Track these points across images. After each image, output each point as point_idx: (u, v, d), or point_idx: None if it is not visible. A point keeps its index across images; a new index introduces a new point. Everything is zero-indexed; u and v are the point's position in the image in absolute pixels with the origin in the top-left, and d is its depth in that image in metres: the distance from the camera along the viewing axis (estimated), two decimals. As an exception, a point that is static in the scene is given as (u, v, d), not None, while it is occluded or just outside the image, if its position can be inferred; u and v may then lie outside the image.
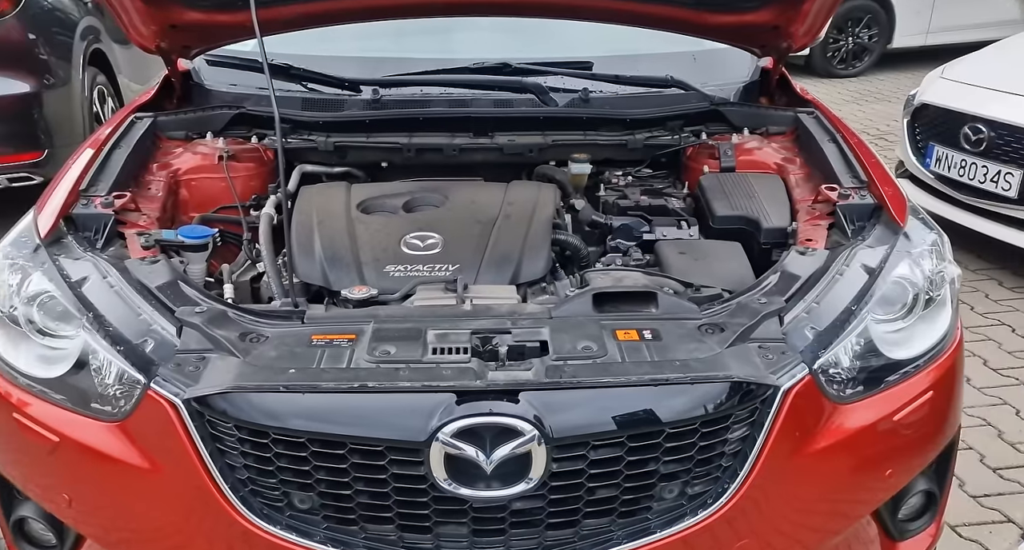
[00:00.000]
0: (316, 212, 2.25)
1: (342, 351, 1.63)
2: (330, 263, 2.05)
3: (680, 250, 2.19)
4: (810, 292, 1.83)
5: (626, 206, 2.42)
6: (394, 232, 2.15)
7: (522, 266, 2.06)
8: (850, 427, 1.70)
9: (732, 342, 1.66)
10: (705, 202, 2.41)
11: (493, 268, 2.04)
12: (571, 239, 2.24)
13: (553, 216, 2.28)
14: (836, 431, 1.69)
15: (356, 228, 2.17)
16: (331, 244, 2.10)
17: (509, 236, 2.13)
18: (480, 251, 2.08)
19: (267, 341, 1.68)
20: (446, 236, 2.13)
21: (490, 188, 2.43)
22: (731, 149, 2.56)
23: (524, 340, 1.68)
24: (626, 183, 2.66)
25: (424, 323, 1.73)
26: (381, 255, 2.07)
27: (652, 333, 1.70)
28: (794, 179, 2.42)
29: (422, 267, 2.03)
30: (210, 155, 2.52)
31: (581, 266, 2.30)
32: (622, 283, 1.87)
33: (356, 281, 2.00)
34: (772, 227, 2.23)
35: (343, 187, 2.40)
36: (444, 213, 2.26)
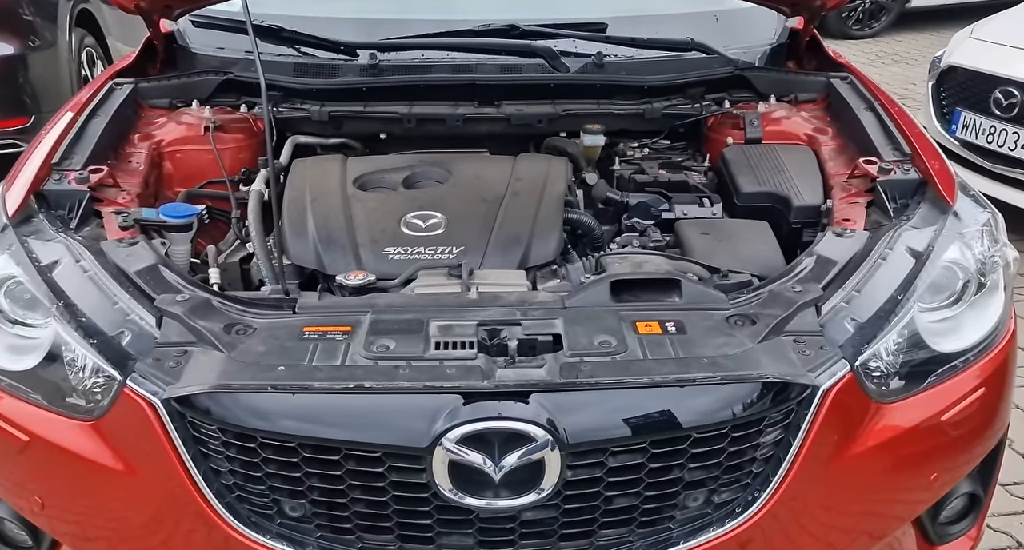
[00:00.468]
0: (309, 189, 2.09)
1: (337, 345, 1.49)
2: (324, 245, 1.90)
3: (702, 230, 2.04)
4: (850, 279, 1.68)
5: (643, 182, 2.26)
6: (393, 211, 2.00)
7: (531, 248, 1.91)
8: (894, 428, 1.56)
9: (765, 336, 1.52)
10: (729, 177, 2.25)
11: (500, 251, 1.89)
12: (584, 218, 2.09)
13: (565, 193, 2.12)
14: (878, 433, 1.55)
15: (352, 206, 2.02)
16: (325, 224, 1.95)
17: (517, 215, 1.98)
18: (486, 232, 1.93)
19: (255, 333, 1.54)
20: (449, 215, 1.97)
21: (496, 162, 2.27)
22: (757, 118, 2.38)
23: (535, 333, 1.53)
24: (642, 156, 2.50)
25: (426, 313, 1.59)
26: (379, 236, 1.92)
27: (676, 325, 1.56)
28: (827, 151, 2.25)
29: (423, 250, 1.88)
30: (196, 125, 2.35)
31: (595, 247, 2.14)
32: (642, 269, 1.72)
33: (352, 265, 1.85)
34: (803, 205, 2.07)
35: (338, 161, 2.24)
36: (447, 190, 2.10)
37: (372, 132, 2.52)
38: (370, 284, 1.75)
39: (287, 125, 2.50)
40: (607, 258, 1.79)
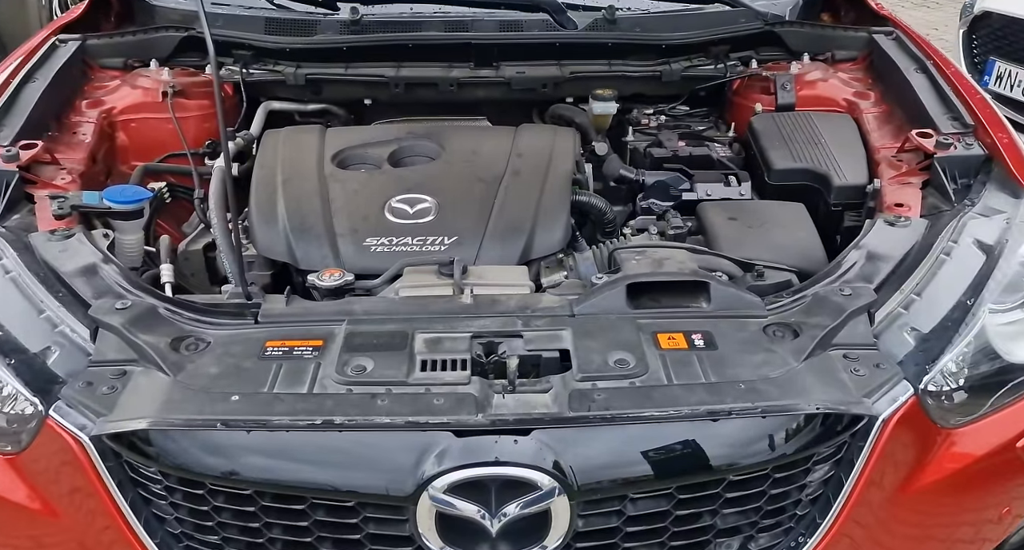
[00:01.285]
0: (281, 166, 1.83)
1: (304, 366, 1.26)
2: (297, 234, 1.65)
3: (730, 214, 1.78)
4: (908, 279, 1.43)
5: (661, 157, 1.99)
6: (377, 194, 1.74)
7: (535, 238, 1.66)
8: (962, 457, 1.33)
9: (810, 352, 1.28)
10: (758, 150, 1.97)
11: (498, 241, 1.64)
12: (595, 200, 1.83)
13: (572, 171, 1.86)
14: (944, 463, 1.32)
15: (330, 188, 1.75)
16: (298, 209, 1.69)
17: (519, 199, 1.72)
18: (482, 219, 1.68)
19: (208, 349, 1.30)
20: (441, 199, 1.72)
21: (495, 134, 2.00)
22: (789, 81, 2.10)
23: (539, 348, 1.30)
24: (658, 124, 2.22)
25: (411, 323, 1.35)
26: (360, 224, 1.66)
27: (704, 338, 1.32)
28: (870, 120, 1.97)
29: (411, 240, 1.63)
30: (154, 89, 2.07)
31: (606, 232, 1.89)
32: (663, 268, 1.47)
33: (329, 258, 1.61)
34: (845, 184, 1.80)
35: (316, 133, 1.97)
36: (439, 168, 1.83)
37: (355, 97, 2.24)
38: (347, 285, 1.50)
39: (259, 89, 2.22)
40: (622, 254, 1.53)
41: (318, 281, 1.50)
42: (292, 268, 1.66)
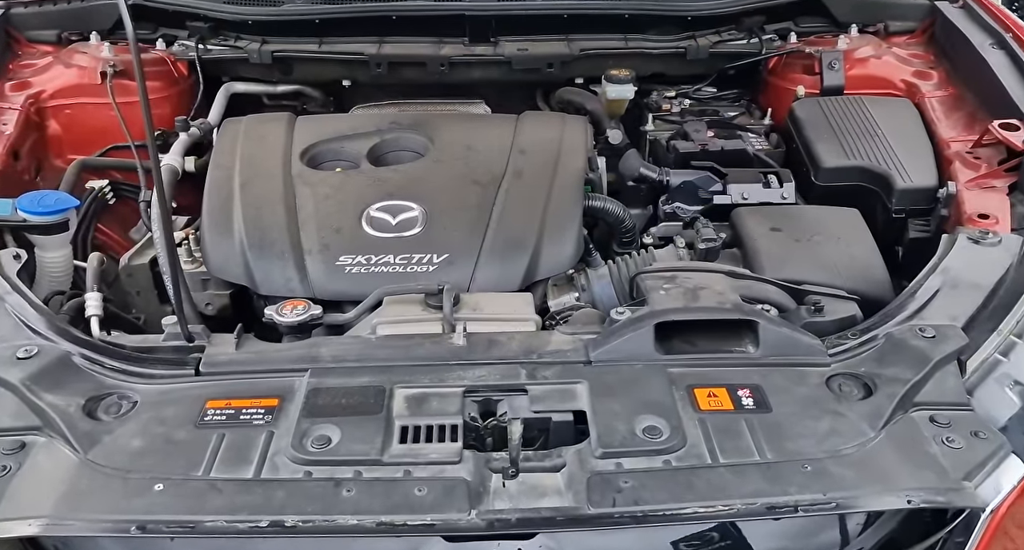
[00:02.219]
0: (240, 165, 1.56)
1: (252, 437, 1.00)
2: (256, 251, 1.39)
3: (771, 224, 1.50)
4: (1007, 316, 1.17)
5: (687, 152, 1.71)
6: (353, 200, 1.47)
7: (541, 254, 1.40)
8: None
9: (890, 415, 1.02)
10: (802, 144, 1.70)
11: (497, 259, 1.38)
12: (611, 206, 1.56)
13: (585, 169, 1.59)
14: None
15: (298, 193, 1.49)
16: (258, 219, 1.43)
17: (521, 206, 1.46)
18: (478, 231, 1.41)
19: (132, 414, 1.04)
20: (429, 206, 1.45)
21: (493, 125, 1.71)
22: (838, 60, 1.81)
23: (549, 409, 1.05)
24: (681, 109, 1.94)
25: (390, 375, 1.10)
26: (333, 239, 1.40)
27: (753, 396, 1.06)
28: (935, 106, 1.69)
29: (392, 259, 1.37)
30: (92, 68, 1.79)
31: (623, 241, 1.62)
32: (700, 302, 1.20)
33: (293, 281, 1.35)
34: (910, 187, 1.53)
35: (283, 122, 1.69)
36: (427, 168, 1.56)
37: (331, 78, 1.96)
38: (313, 320, 1.24)
39: (219, 69, 1.94)
40: (648, 281, 1.26)
41: (277, 316, 1.23)
42: (252, 292, 1.40)
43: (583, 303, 1.48)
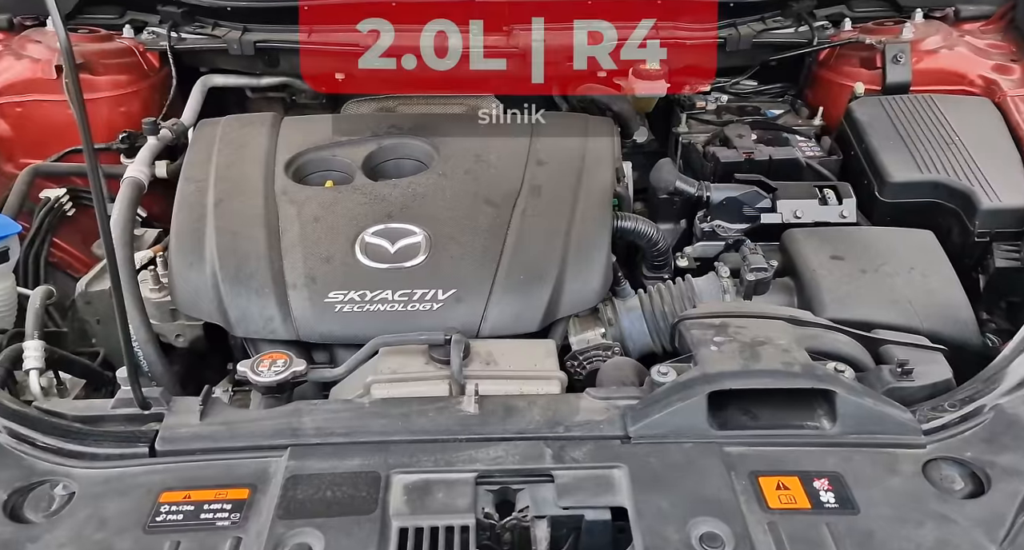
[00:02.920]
0: (215, 178, 1.35)
1: (216, 543, 0.81)
2: (231, 284, 1.19)
3: (831, 250, 1.30)
4: None
5: (730, 161, 1.49)
6: (345, 222, 1.27)
7: (564, 287, 1.21)
8: None
9: (1012, 522, 0.83)
10: (863, 152, 1.48)
11: (514, 295, 1.19)
12: (642, 227, 1.35)
13: (613, 183, 1.38)
14: None
15: (281, 213, 1.28)
16: (234, 246, 1.23)
17: (541, 229, 1.26)
18: (491, 261, 1.21)
19: (66, 511, 0.85)
20: (434, 231, 1.25)
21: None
22: (904, 52, 1.58)
23: (581, 504, 0.86)
24: (717, 106, 1.72)
25: (386, 455, 0.91)
26: (321, 270, 1.20)
27: (833, 489, 0.87)
28: (1019, 108, 1.47)
29: (391, 295, 1.17)
30: (48, 61, 1.57)
31: (655, 264, 1.42)
32: (761, 363, 0.99)
33: (274, 321, 1.17)
34: (998, 207, 1.32)
35: (265, 126, 1.48)
36: (432, 183, 1.35)
37: (321, 71, 1.74)
38: (295, 378, 1.04)
39: (196, 60, 1.72)
40: (694, 332, 1.05)
41: (253, 374, 1.03)
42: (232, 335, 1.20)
43: (611, 341, 1.29)
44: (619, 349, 1.28)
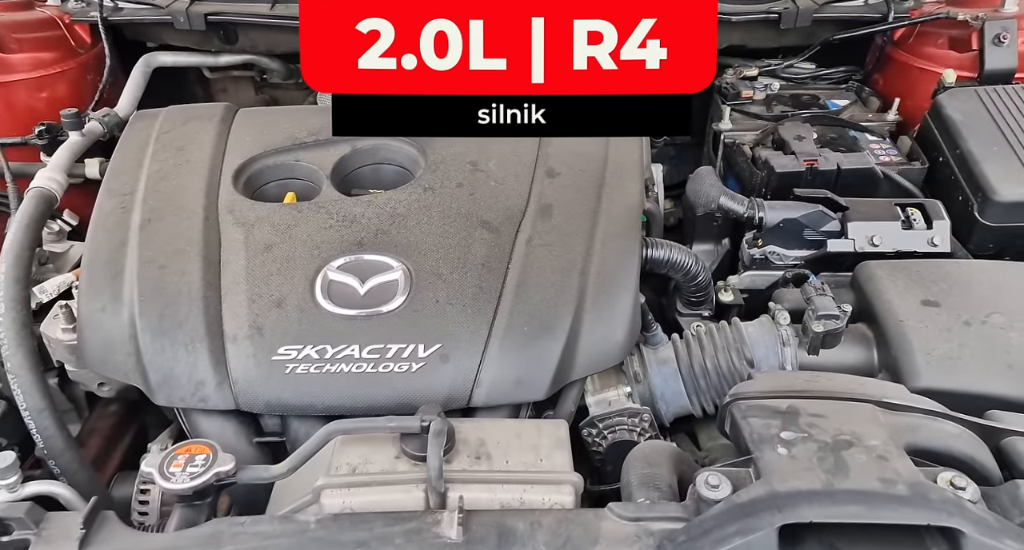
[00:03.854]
0: (145, 190, 1.09)
1: None
2: (153, 334, 0.94)
3: (923, 292, 1.02)
4: None
5: (787, 172, 1.21)
6: (305, 252, 1.01)
7: (579, 340, 0.97)
8: None
9: None
10: (958, 159, 1.19)
11: (515, 352, 0.94)
12: (679, 257, 1.08)
13: (643, 198, 1.11)
14: None
15: (225, 239, 1.03)
16: (161, 283, 0.98)
17: (551, 262, 1.01)
18: (486, 305, 0.96)
19: None
20: (416, 264, 0.99)
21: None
22: (1008, 30, 1.29)
23: None
24: (767, 95, 1.43)
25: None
26: (270, 317, 0.95)
27: None
28: None
29: (358, 351, 0.93)
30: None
31: (692, 301, 1.16)
32: (849, 476, 0.73)
33: (207, 387, 0.93)
34: None
35: (215, 120, 1.21)
36: (415, 199, 1.08)
37: (290, 50, 1.46)
38: (220, 481, 0.79)
39: (139, 34, 1.45)
40: (752, 420, 0.79)
41: (162, 478, 0.78)
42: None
43: (638, 405, 1.03)
44: (649, 416, 1.03)
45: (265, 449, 0.97)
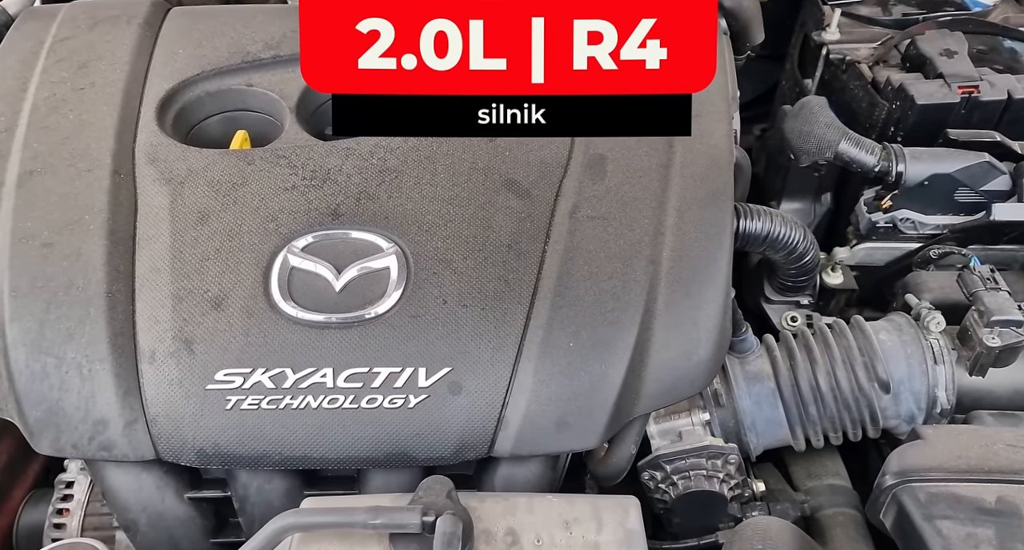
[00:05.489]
0: (25, 130, 0.79)
1: None
2: (30, 350, 0.67)
3: None
4: None
5: (935, 104, 0.88)
6: (257, 225, 0.72)
7: (647, 361, 0.67)
8: None
9: None
10: None
11: (555, 380, 0.65)
12: (783, 230, 0.78)
13: (731, 146, 0.80)
14: None
15: (141, 204, 0.73)
16: (43, 271, 0.69)
17: (604, 245, 0.71)
18: (515, 309, 0.67)
19: None
20: (415, 244, 0.71)
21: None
22: None
23: None
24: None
25: None
26: (203, 325, 0.69)
27: None
28: None
29: (331, 377, 0.66)
30: None
31: (787, 286, 0.86)
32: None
33: (111, 430, 0.67)
34: None
35: (133, 24, 0.88)
36: (411, 145, 0.77)
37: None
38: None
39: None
40: (940, 521, 0.52)
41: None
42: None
43: (720, 440, 0.76)
44: (736, 458, 0.75)
45: (203, 507, 0.71)
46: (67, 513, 0.82)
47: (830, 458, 0.83)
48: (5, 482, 0.89)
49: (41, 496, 0.87)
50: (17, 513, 0.85)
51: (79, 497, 0.82)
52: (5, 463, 0.92)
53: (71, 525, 0.81)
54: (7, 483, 0.89)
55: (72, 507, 0.82)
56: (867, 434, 0.78)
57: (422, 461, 0.66)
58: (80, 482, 0.84)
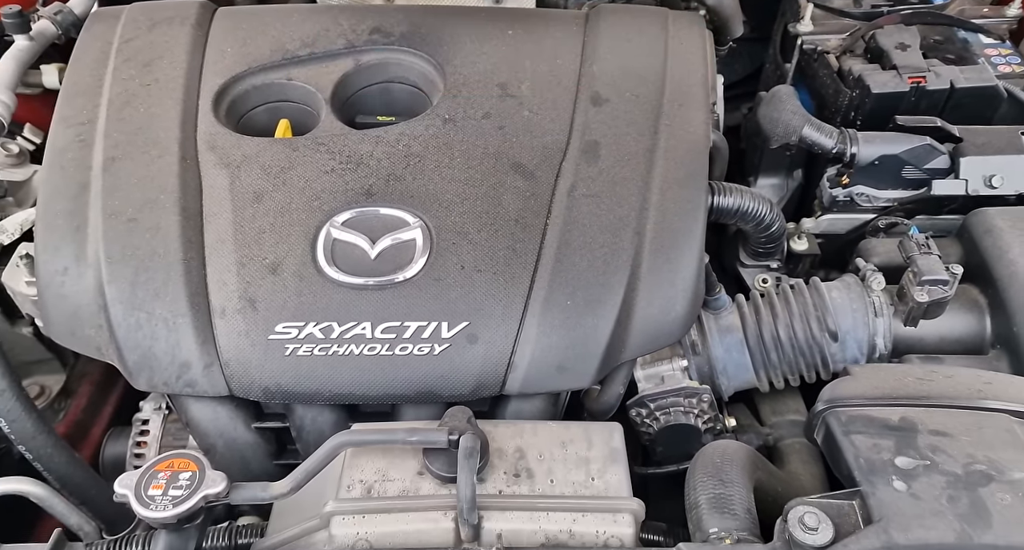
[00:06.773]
0: (107, 119, 0.92)
1: None
2: (125, 306, 0.81)
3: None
4: None
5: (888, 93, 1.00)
6: (303, 203, 0.85)
7: (633, 312, 0.81)
8: None
9: None
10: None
11: (557, 329, 0.80)
12: (751, 204, 0.91)
13: (709, 130, 0.93)
14: None
15: (206, 185, 0.87)
16: (131, 241, 0.83)
17: (598, 217, 0.85)
18: (521, 272, 0.81)
19: None
20: (437, 219, 0.84)
21: (543, 37, 1.00)
22: None
23: None
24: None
25: None
26: (264, 287, 0.81)
27: None
28: None
29: (370, 328, 0.80)
30: None
31: (758, 251, 1.00)
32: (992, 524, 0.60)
33: (193, 370, 0.81)
34: None
35: (187, 24, 1.00)
36: (432, 133, 0.89)
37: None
38: (209, 504, 0.68)
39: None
40: (856, 439, 0.64)
41: (138, 504, 0.66)
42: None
43: (696, 383, 0.90)
44: (709, 396, 0.90)
45: (267, 435, 0.86)
46: (145, 445, 0.98)
47: (792, 398, 0.97)
48: (86, 420, 1.05)
49: (119, 433, 1.02)
50: (101, 446, 1.01)
51: (154, 432, 0.98)
52: (86, 404, 1.08)
53: (149, 455, 0.97)
54: (88, 421, 1.05)
55: (149, 440, 0.98)
56: (820, 376, 0.92)
57: (445, 398, 0.80)
58: (154, 420, 0.99)
